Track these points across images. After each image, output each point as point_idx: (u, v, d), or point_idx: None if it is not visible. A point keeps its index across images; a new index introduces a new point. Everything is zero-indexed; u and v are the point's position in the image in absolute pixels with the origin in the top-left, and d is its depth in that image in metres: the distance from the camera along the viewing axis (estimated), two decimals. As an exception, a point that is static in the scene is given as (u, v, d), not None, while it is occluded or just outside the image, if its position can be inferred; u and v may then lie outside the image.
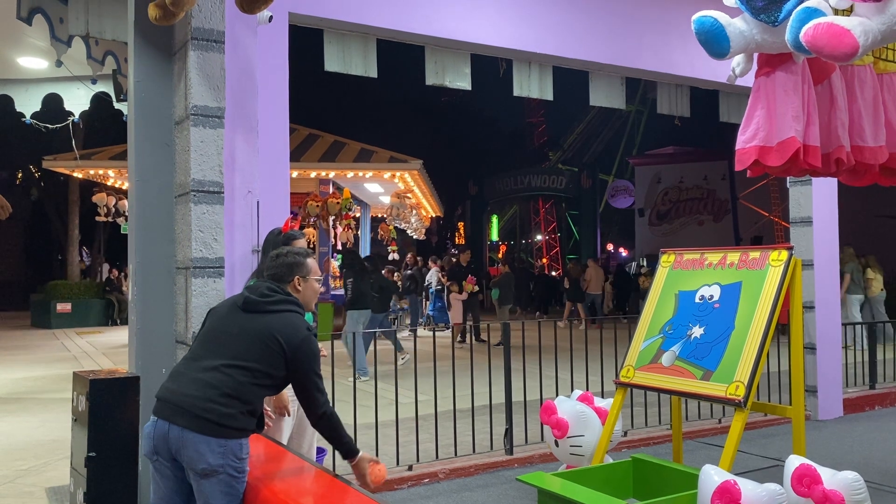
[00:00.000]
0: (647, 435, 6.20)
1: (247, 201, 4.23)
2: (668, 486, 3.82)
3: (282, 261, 3.10)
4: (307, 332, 2.91)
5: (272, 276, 3.07)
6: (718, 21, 3.90)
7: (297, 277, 3.06)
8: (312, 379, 2.89)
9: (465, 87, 5.94)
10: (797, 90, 4.08)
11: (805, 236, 7.18)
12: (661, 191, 30.18)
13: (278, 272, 3.07)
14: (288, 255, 3.10)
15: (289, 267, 3.07)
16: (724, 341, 3.93)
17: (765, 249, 4.13)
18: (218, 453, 2.66)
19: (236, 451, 2.71)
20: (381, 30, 5.28)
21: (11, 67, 7.72)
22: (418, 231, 19.82)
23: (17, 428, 6.92)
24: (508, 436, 5.65)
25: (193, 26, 4.02)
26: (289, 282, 3.04)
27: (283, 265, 3.08)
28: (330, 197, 14.46)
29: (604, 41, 6.12)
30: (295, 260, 3.09)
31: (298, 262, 3.09)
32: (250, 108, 4.31)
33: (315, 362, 2.91)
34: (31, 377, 10.00)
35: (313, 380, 2.89)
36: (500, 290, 13.07)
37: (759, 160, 4.14)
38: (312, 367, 2.89)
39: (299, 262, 3.09)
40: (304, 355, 2.86)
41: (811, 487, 3.17)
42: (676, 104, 7.06)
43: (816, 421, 6.98)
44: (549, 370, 6.00)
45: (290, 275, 3.05)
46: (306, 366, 2.87)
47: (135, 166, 4.24)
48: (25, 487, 5.12)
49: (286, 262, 3.08)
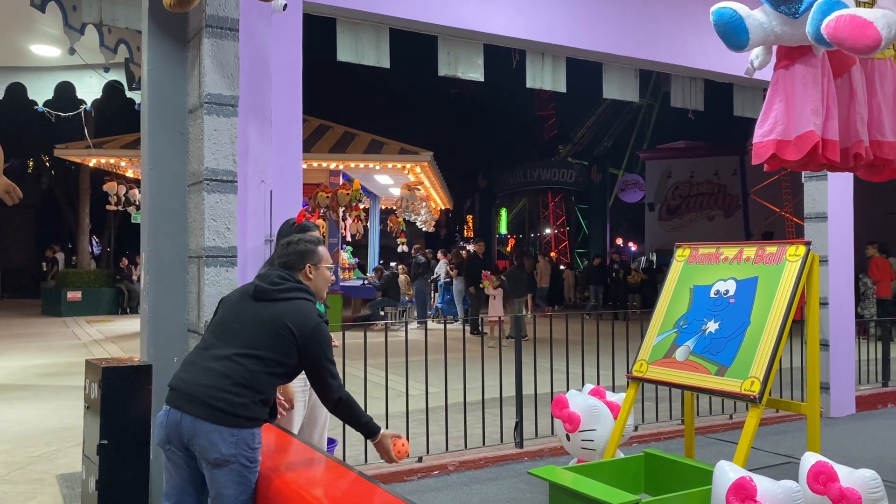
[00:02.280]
0: (657, 430, 6.17)
1: (260, 191, 4.22)
2: (680, 482, 3.79)
3: (293, 248, 3.06)
4: (318, 320, 2.88)
5: (283, 264, 3.04)
6: (737, 12, 3.85)
7: (309, 265, 3.03)
8: (325, 366, 2.87)
9: (477, 78, 5.90)
10: (817, 83, 4.03)
11: (820, 232, 7.12)
12: (671, 185, 30.05)
13: (290, 260, 3.03)
14: (299, 243, 3.06)
15: (300, 255, 3.03)
16: (739, 337, 3.89)
17: (782, 244, 4.08)
18: (230, 443, 2.65)
19: (248, 441, 2.69)
20: (395, 19, 5.25)
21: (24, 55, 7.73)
22: (427, 223, 19.79)
23: (28, 415, 6.95)
24: (519, 429, 5.63)
25: (208, 14, 4.00)
26: (300, 269, 3.01)
27: (294, 253, 3.04)
28: (340, 188, 14.45)
29: (618, 32, 6.07)
30: (306, 248, 3.05)
31: (310, 250, 3.05)
32: (264, 97, 4.28)
33: (327, 349, 2.88)
34: (43, 364, 10.05)
35: (326, 366, 2.87)
36: (510, 283, 13.02)
37: (777, 154, 4.10)
38: (325, 353, 2.86)
39: (311, 249, 3.05)
40: (316, 343, 2.84)
41: (827, 485, 3.13)
42: (690, 97, 7.00)
43: (829, 418, 6.94)
44: (560, 364, 5.98)
45: (302, 262, 3.01)
46: (318, 353, 2.84)
47: (148, 154, 4.22)
48: (37, 474, 5.14)
49: (297, 250, 3.05)
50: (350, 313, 16.26)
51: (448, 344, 5.53)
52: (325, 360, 2.87)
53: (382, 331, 5.64)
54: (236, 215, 4.07)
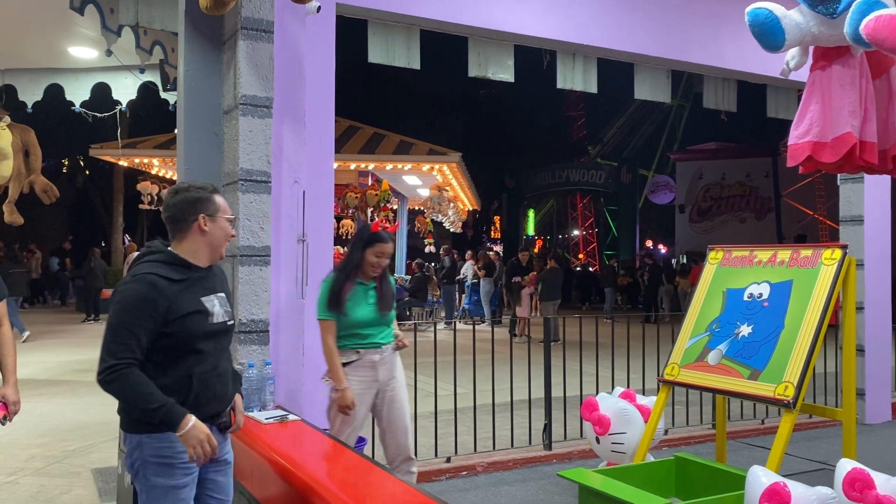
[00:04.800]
0: (688, 434, 6.12)
1: (293, 191, 4.26)
2: (711, 487, 3.76)
3: (180, 198, 2.53)
4: (130, 280, 2.39)
5: (168, 219, 2.53)
6: (773, 13, 3.80)
7: (203, 216, 2.51)
8: (105, 335, 2.36)
9: (507, 79, 5.89)
10: (854, 84, 3.96)
11: (856, 235, 7.00)
12: (702, 187, 29.74)
13: (176, 213, 2.51)
14: (189, 190, 2.56)
15: (190, 203, 2.51)
16: (773, 340, 3.84)
17: (817, 248, 4.03)
18: (133, 448, 2.43)
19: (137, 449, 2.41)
20: (426, 20, 5.27)
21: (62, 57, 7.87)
22: (455, 224, 19.80)
23: (64, 410, 7.09)
24: (547, 431, 5.62)
25: (243, 16, 4.05)
26: (192, 222, 2.50)
27: (182, 202, 2.52)
28: (369, 189, 14.52)
29: (650, 33, 6.02)
30: (198, 195, 2.53)
31: (202, 198, 2.53)
32: (297, 99, 4.33)
33: (117, 313, 2.34)
34: (77, 360, 10.25)
35: (105, 336, 2.36)
36: (544, 285, 12.98)
37: (813, 156, 4.04)
38: (110, 319, 2.36)
39: (203, 196, 2.54)
40: (113, 304, 2.39)
41: (864, 492, 3.09)
42: (723, 98, 6.92)
43: (864, 424, 6.81)
44: (590, 366, 5.95)
45: (193, 212, 2.50)
46: (110, 315, 2.38)
47: (183, 155, 4.29)
48: (72, 468, 5.25)
49: (186, 198, 2.52)
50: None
51: (476, 345, 5.53)
52: (109, 327, 2.36)
53: (411, 331, 5.66)
54: (270, 215, 4.11)
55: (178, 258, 2.48)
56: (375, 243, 3.78)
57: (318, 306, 3.76)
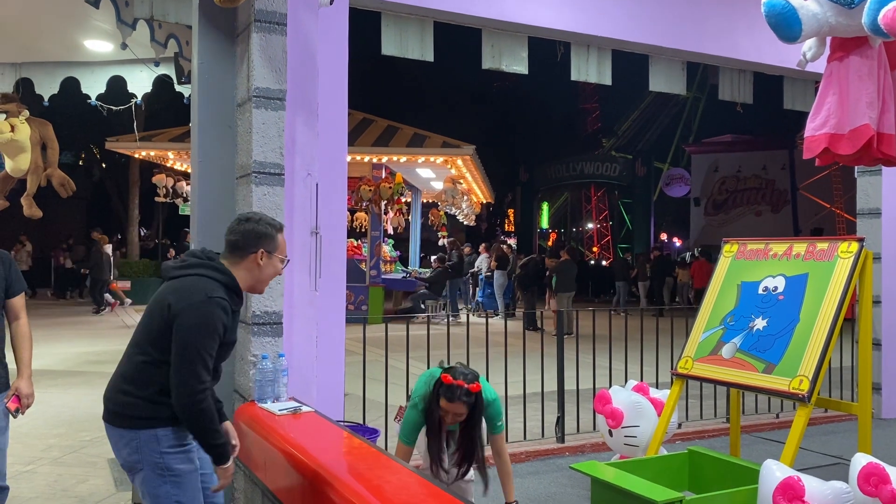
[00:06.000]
0: (701, 427, 6.09)
1: (306, 184, 4.26)
2: (725, 480, 3.75)
3: (249, 227, 2.57)
4: (205, 298, 2.38)
5: (229, 243, 2.57)
6: (790, 3, 3.76)
7: (263, 251, 2.57)
8: (188, 355, 2.33)
9: (521, 71, 5.87)
10: (872, 76, 3.92)
11: (873, 228, 6.92)
12: (717, 180, 29.54)
13: (240, 239, 2.56)
14: (259, 223, 2.59)
15: (256, 237, 2.57)
16: (788, 334, 3.82)
17: (833, 241, 3.99)
18: (132, 447, 2.45)
19: (152, 444, 2.43)
20: (440, 12, 5.26)
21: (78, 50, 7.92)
22: (469, 217, 19.79)
23: (80, 401, 7.16)
24: (560, 424, 5.62)
25: (257, 8, 4.05)
26: (250, 253, 2.56)
27: (249, 232, 2.57)
28: (382, 181, 14.53)
29: (666, 24, 5.98)
30: (265, 231, 2.58)
31: (268, 234, 2.58)
32: (310, 91, 4.33)
33: (199, 335, 2.34)
34: (94, 351, 10.34)
35: (188, 356, 2.33)
36: (558, 277, 12.92)
37: (830, 148, 4.00)
38: (192, 338, 2.34)
39: (269, 234, 2.58)
40: (187, 321, 2.35)
41: (879, 487, 3.06)
42: (739, 90, 6.87)
43: (880, 419, 6.76)
44: (603, 359, 5.94)
45: (255, 246, 2.56)
46: (185, 335, 2.35)
47: (197, 147, 4.30)
48: (89, 458, 5.30)
49: (255, 231, 2.57)
50: (391, 305, 16.37)
51: (490, 338, 5.53)
52: (190, 347, 2.34)
53: (424, 323, 5.66)
54: (283, 207, 4.12)
55: (235, 285, 2.56)
56: (442, 398, 3.42)
57: (402, 429, 3.56)
